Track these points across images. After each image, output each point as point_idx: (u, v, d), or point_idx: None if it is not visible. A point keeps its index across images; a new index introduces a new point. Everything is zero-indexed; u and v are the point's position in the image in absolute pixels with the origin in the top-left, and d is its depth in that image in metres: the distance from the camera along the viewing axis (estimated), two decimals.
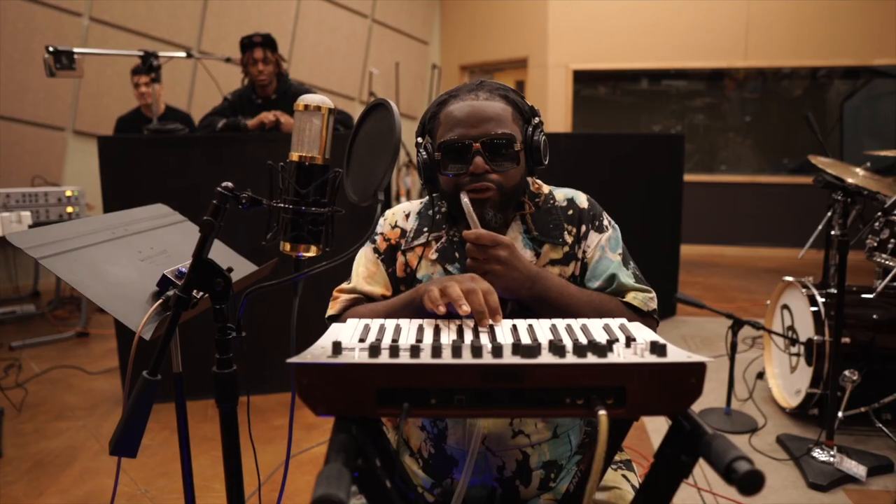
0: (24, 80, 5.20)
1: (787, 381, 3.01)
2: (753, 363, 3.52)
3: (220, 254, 1.58)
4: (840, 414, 2.58)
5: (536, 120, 1.28)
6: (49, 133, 5.43)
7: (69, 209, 4.22)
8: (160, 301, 1.20)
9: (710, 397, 3.10)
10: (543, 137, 1.26)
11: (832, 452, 2.44)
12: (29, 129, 5.32)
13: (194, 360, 1.96)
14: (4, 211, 3.82)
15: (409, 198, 6.58)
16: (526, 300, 1.17)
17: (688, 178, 4.80)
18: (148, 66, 3.44)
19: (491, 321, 0.99)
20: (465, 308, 0.98)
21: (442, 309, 0.99)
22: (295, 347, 1.06)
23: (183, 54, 3.73)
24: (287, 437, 1.33)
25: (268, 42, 3.53)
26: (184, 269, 1.31)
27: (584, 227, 1.30)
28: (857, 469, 2.36)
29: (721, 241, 7.09)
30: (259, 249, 1.16)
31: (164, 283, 1.29)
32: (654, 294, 1.27)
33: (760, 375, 3.31)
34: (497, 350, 0.81)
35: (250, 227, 1.60)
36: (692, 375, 0.80)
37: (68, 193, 4.23)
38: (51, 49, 3.09)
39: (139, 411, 1.02)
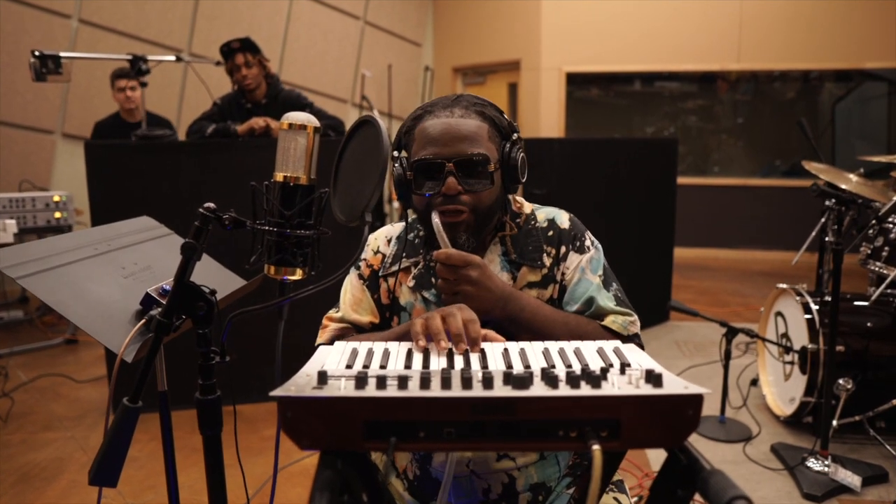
0: (12, 82, 5.14)
1: (781, 389, 3.00)
2: (747, 369, 3.51)
3: (206, 268, 1.54)
4: (834, 422, 2.57)
5: (515, 136, 1.24)
6: (37, 136, 5.37)
7: (57, 214, 4.16)
8: (143, 322, 1.17)
9: (705, 405, 3.07)
10: (521, 155, 1.23)
11: (827, 462, 2.43)
12: (17, 133, 5.25)
13: (181, 370, 1.92)
14: None
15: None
16: (499, 321, 1.14)
17: (681, 180, 4.80)
18: (137, 70, 3.40)
19: (468, 348, 0.97)
20: (444, 345, 0.97)
21: (422, 343, 0.98)
22: (281, 370, 1.03)
23: (172, 58, 3.69)
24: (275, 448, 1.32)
25: (247, 46, 3.48)
26: (168, 287, 1.28)
27: (563, 248, 1.27)
28: (851, 479, 2.35)
29: (714, 244, 7.09)
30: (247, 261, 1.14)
31: (148, 301, 1.26)
32: (635, 318, 1.23)
33: (754, 382, 3.30)
34: (488, 381, 0.78)
35: (238, 237, 1.57)
36: (689, 407, 0.78)
37: (56, 199, 4.17)
38: (37, 53, 3.04)
39: (120, 439, 0.99)
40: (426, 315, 1.03)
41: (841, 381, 2.54)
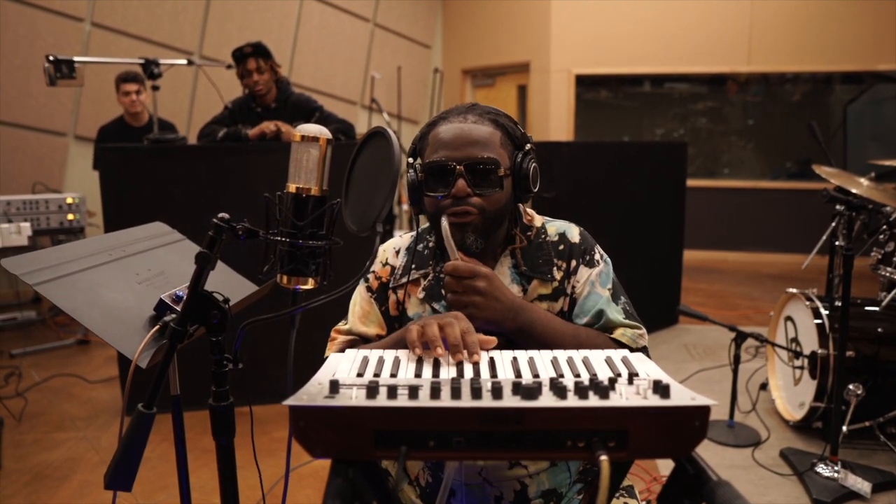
0: (25, 85, 5.19)
1: (791, 394, 2.99)
2: (757, 373, 3.50)
3: (217, 273, 1.56)
4: (844, 428, 2.56)
5: (528, 147, 1.25)
6: (50, 138, 5.43)
7: (70, 216, 4.21)
8: (157, 328, 1.19)
9: (714, 409, 3.06)
10: (534, 165, 1.24)
11: (836, 468, 2.42)
12: (30, 135, 5.31)
13: (193, 372, 1.94)
14: (5, 221, 3.81)
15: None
16: (509, 333, 1.15)
17: (690, 182, 4.78)
18: (150, 74, 3.43)
19: (463, 357, 0.97)
20: (440, 351, 0.97)
21: (418, 351, 0.98)
22: (293, 379, 1.05)
23: (184, 61, 3.73)
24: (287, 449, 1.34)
25: (259, 51, 3.49)
26: (181, 293, 1.29)
27: (574, 262, 1.28)
28: (861, 485, 2.34)
29: (723, 247, 7.06)
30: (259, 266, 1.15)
31: (162, 307, 1.27)
32: (644, 330, 1.25)
33: (764, 386, 3.29)
34: (497, 391, 0.79)
35: (249, 241, 1.58)
36: (696, 418, 0.78)
37: (69, 201, 4.22)
38: (51, 58, 3.08)
39: (135, 444, 1.00)
40: (422, 321, 1.02)
41: (851, 387, 2.53)
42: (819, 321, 2.74)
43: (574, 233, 1.32)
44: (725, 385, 3.08)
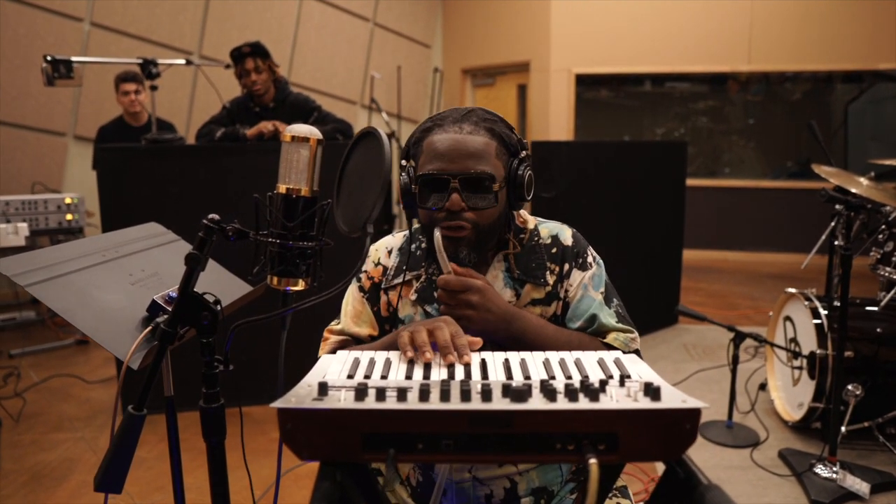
0: (24, 85, 5.19)
1: (790, 394, 2.98)
2: (756, 373, 3.49)
3: (211, 274, 1.56)
4: (843, 429, 2.55)
5: (523, 154, 1.25)
6: (50, 138, 5.43)
7: (69, 216, 4.20)
8: (148, 329, 1.18)
9: (712, 409, 3.07)
10: (529, 173, 1.23)
11: (835, 469, 2.41)
12: (30, 135, 5.31)
13: (189, 372, 1.93)
14: (3, 221, 3.81)
15: None
16: (502, 341, 1.16)
17: (690, 182, 4.77)
18: (148, 74, 3.42)
19: (454, 359, 0.98)
20: (428, 356, 0.98)
21: (409, 354, 0.99)
22: (285, 378, 1.04)
23: (182, 61, 3.72)
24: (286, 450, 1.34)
25: (257, 51, 3.49)
26: (174, 294, 1.29)
27: (567, 266, 1.28)
28: (860, 486, 2.34)
29: (723, 246, 7.04)
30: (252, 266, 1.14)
31: (154, 308, 1.27)
32: (636, 334, 1.25)
33: (763, 386, 3.29)
34: (486, 394, 0.79)
35: (244, 242, 1.58)
36: (687, 421, 0.78)
37: (67, 201, 4.21)
38: (49, 58, 3.07)
39: (125, 446, 1.00)
40: (413, 328, 1.04)
41: (850, 387, 2.52)
42: (818, 321, 2.73)
43: (567, 235, 1.32)
44: (724, 385, 3.07)
